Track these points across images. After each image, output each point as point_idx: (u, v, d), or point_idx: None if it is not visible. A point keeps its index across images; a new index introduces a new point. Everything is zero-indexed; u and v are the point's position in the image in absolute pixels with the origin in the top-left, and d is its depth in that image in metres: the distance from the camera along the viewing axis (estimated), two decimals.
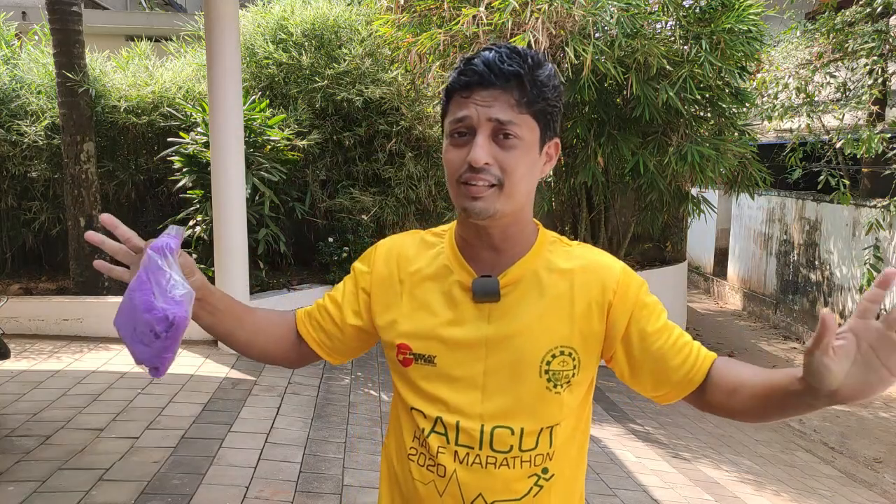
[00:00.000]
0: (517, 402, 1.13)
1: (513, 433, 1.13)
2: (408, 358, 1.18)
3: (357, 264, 1.28)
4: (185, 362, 5.04)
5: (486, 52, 1.09)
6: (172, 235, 1.08)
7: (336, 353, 1.30)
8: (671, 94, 5.59)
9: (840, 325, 0.95)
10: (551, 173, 7.87)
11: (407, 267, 1.22)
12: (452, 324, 1.16)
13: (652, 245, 8.31)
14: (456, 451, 1.14)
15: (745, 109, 7.10)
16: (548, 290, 1.15)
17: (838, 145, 8.04)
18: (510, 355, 1.13)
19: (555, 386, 1.13)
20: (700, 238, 12.68)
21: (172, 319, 1.04)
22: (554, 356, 1.13)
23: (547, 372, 1.13)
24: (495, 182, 1.07)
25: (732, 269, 11.96)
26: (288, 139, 6.12)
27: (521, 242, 1.17)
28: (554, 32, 5.24)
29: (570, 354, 1.13)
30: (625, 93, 5.93)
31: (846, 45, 8.22)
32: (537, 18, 5.14)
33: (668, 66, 5.65)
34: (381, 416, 4.48)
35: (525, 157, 1.09)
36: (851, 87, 8.75)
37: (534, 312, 1.14)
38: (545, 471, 1.15)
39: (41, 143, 6.25)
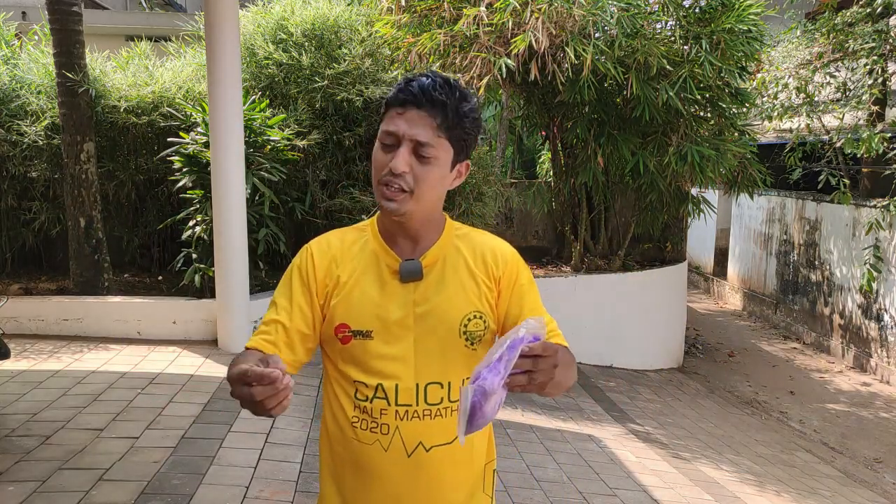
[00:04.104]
0: (444, 360, 1.37)
1: (442, 387, 1.37)
2: (347, 336, 1.37)
3: (304, 269, 1.41)
4: (185, 362, 5.05)
5: (423, 79, 1.31)
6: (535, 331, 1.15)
7: (300, 366, 1.45)
8: (671, 94, 5.59)
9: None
10: (551, 174, 7.87)
11: (339, 261, 1.41)
12: (384, 302, 1.37)
13: (652, 245, 8.31)
14: (396, 410, 1.36)
15: (745, 109, 7.11)
16: (459, 267, 1.41)
17: (838, 145, 8.03)
18: (435, 323, 1.37)
19: (472, 344, 1.39)
20: (700, 238, 12.68)
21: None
22: (470, 320, 1.38)
23: (465, 333, 1.38)
24: (407, 189, 1.30)
25: (732, 269, 11.96)
26: (288, 139, 6.12)
27: (433, 230, 1.41)
28: (554, 32, 5.24)
29: (480, 317, 1.39)
30: (625, 93, 5.93)
31: (846, 45, 8.21)
32: (537, 18, 5.14)
33: (668, 66, 5.65)
34: None
35: (436, 172, 1.32)
36: (851, 87, 8.74)
37: (451, 286, 1.39)
38: None
39: (41, 143, 6.25)
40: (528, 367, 1.09)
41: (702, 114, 6.71)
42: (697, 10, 6.08)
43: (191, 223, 5.80)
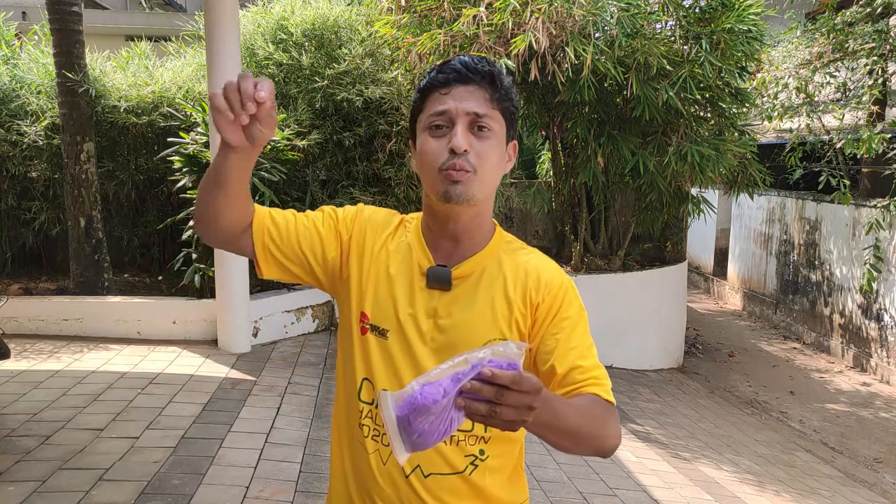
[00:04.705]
0: None
1: None
2: (364, 327, 1.27)
3: (341, 213, 1.33)
4: (185, 362, 5.05)
5: (460, 57, 1.22)
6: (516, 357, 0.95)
7: (272, 268, 1.29)
8: (671, 94, 5.59)
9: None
10: (551, 173, 7.87)
11: (380, 240, 1.30)
12: (406, 303, 1.25)
13: (652, 245, 8.31)
14: None
15: (745, 109, 7.10)
16: (495, 285, 1.25)
17: (838, 145, 8.03)
18: (453, 341, 1.22)
19: None
20: (700, 238, 12.68)
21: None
22: None
23: None
24: (470, 169, 1.17)
25: (732, 269, 11.96)
26: (288, 139, 6.12)
27: (478, 236, 1.27)
28: (554, 32, 5.24)
29: None
30: (625, 93, 5.93)
31: (846, 45, 8.21)
32: (537, 18, 5.14)
33: (668, 66, 5.64)
34: None
35: (497, 149, 1.21)
36: (851, 87, 8.74)
37: (479, 305, 1.23)
38: (482, 452, 1.24)
39: (41, 143, 6.25)
40: (489, 396, 0.90)
41: (702, 114, 6.71)
42: (697, 10, 6.08)
43: (191, 223, 5.80)
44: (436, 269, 1.25)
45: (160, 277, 6.67)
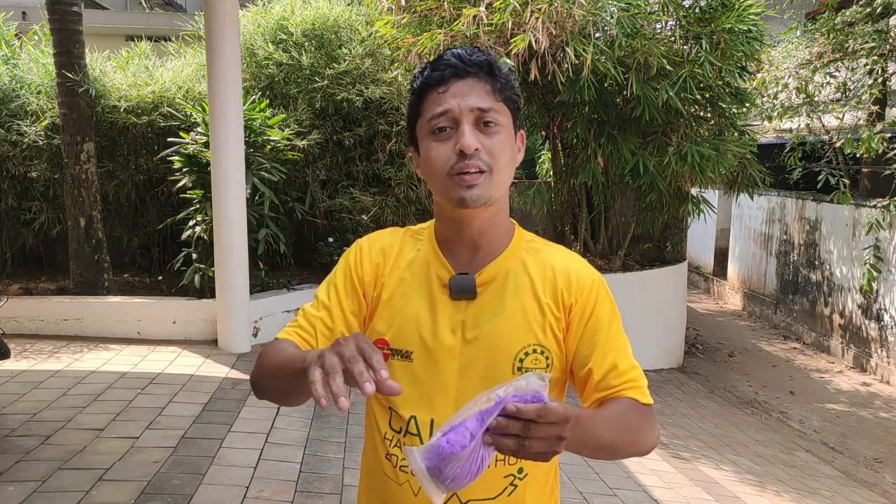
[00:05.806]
0: None
1: None
2: (385, 353, 1.17)
3: (347, 268, 1.23)
4: (185, 362, 5.05)
5: (452, 50, 1.14)
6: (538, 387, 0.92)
7: None
8: (671, 94, 5.59)
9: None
10: (551, 174, 7.87)
11: (388, 263, 1.22)
12: (429, 320, 1.17)
13: (652, 245, 8.31)
14: None
15: (745, 109, 7.10)
16: (522, 288, 1.17)
17: (838, 145, 8.04)
18: (484, 352, 1.15)
19: None
20: (700, 238, 12.67)
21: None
22: (527, 353, 1.15)
23: (520, 370, 1.14)
24: (485, 168, 1.10)
25: (732, 269, 11.96)
26: (288, 139, 6.12)
27: (497, 239, 1.19)
28: (554, 32, 5.24)
29: (542, 353, 1.16)
30: (625, 93, 5.93)
31: (846, 45, 8.21)
32: (537, 18, 5.14)
33: (668, 66, 5.64)
34: None
35: (507, 143, 1.13)
36: (851, 87, 8.74)
37: (508, 311, 1.16)
38: (520, 470, 1.17)
39: (41, 143, 6.25)
40: (516, 431, 0.88)
41: (702, 114, 6.71)
42: (697, 10, 6.08)
43: (191, 223, 5.80)
44: (458, 278, 1.17)
45: (160, 277, 6.67)
